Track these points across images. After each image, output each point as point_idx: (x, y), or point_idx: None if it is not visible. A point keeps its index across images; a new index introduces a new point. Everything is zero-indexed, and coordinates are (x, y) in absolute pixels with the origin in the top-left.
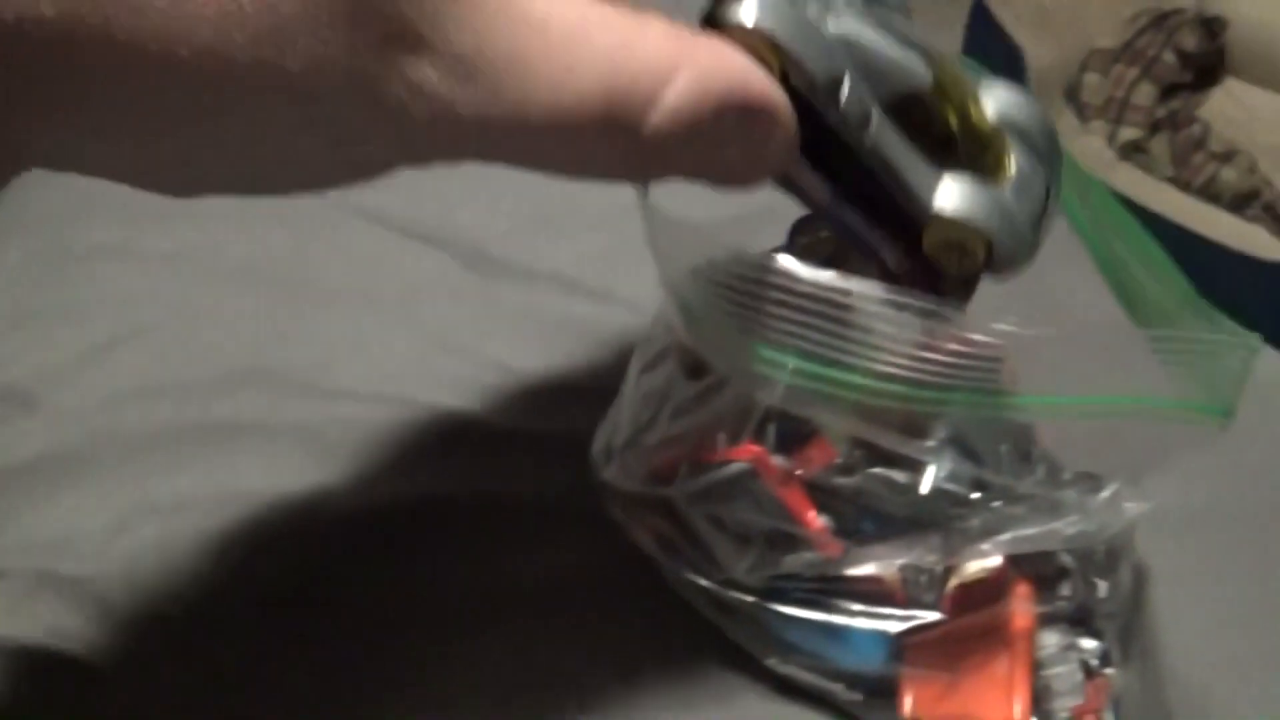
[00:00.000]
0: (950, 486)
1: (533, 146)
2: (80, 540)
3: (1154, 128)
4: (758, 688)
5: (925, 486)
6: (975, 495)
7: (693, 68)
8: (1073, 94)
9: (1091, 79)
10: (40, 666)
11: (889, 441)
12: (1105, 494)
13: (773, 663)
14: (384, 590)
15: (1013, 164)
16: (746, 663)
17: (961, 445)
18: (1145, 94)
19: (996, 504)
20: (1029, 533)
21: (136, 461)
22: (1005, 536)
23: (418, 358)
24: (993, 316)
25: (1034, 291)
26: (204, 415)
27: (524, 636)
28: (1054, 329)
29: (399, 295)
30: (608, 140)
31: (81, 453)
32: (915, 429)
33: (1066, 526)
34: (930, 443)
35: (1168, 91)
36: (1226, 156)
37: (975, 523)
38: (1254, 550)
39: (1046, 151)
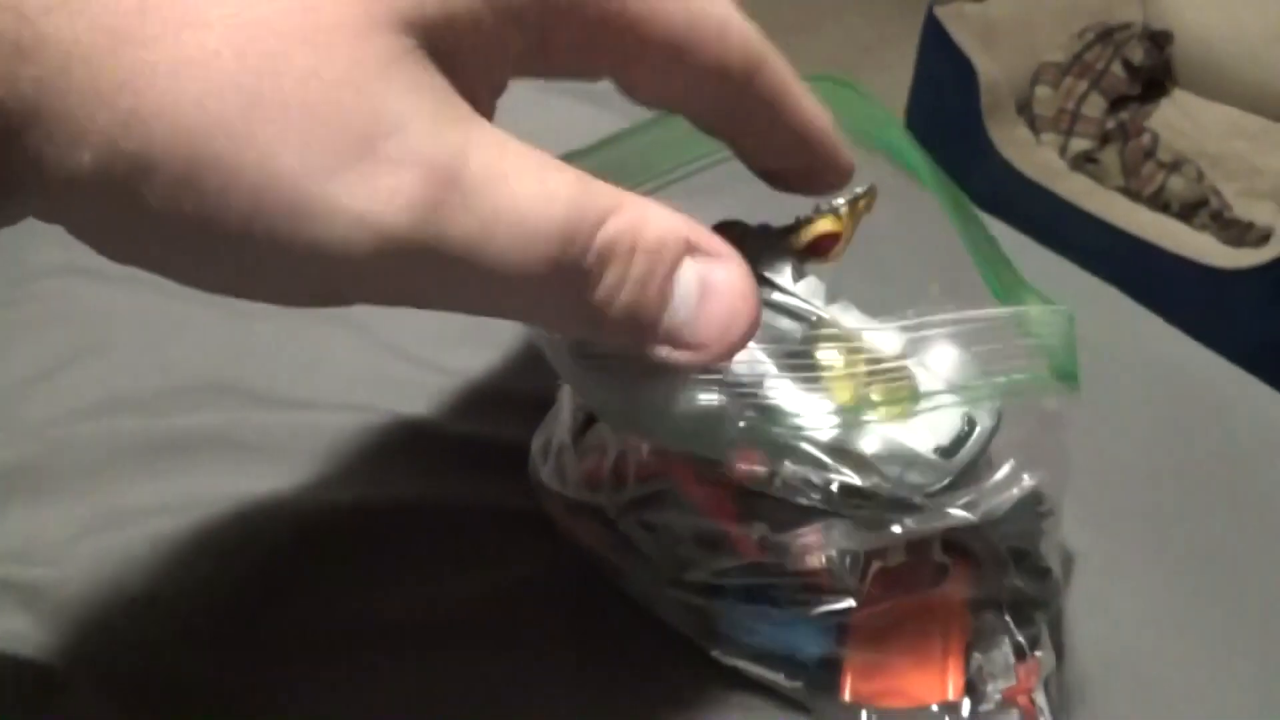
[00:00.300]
0: (857, 482)
1: (499, 266)
2: (40, 549)
3: (1104, 139)
4: (708, 683)
5: (835, 485)
6: (880, 486)
7: (637, 201)
8: (1025, 107)
9: (1043, 92)
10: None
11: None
12: (1003, 471)
13: (718, 655)
14: (344, 598)
15: (915, 403)
16: (694, 658)
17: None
18: (1095, 106)
19: (901, 493)
20: (936, 513)
21: (97, 473)
22: (911, 520)
23: (374, 367)
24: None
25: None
26: (164, 427)
27: (477, 645)
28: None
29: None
30: (559, 271)
31: (42, 465)
32: None
33: (969, 507)
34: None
35: (1117, 103)
36: (1175, 166)
37: (885, 511)
38: (1183, 539)
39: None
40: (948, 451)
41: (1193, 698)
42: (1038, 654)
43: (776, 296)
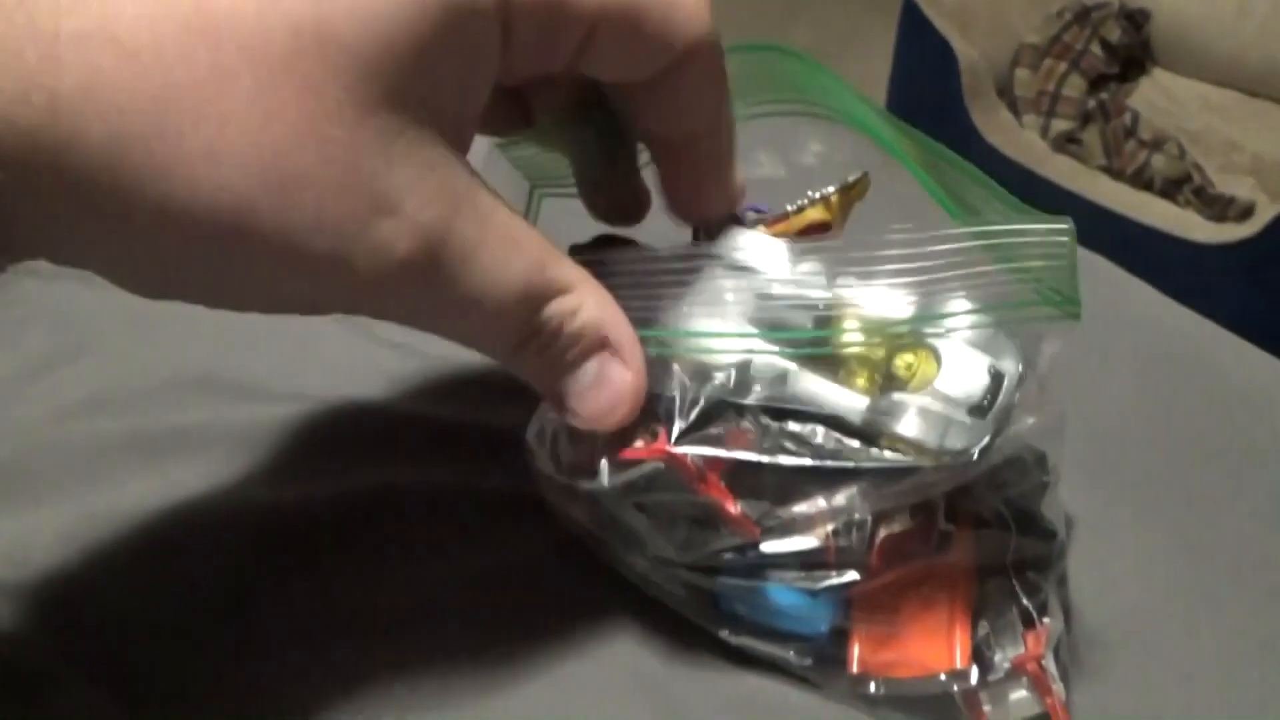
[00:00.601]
0: (839, 434)
1: (460, 316)
2: (28, 549)
3: (1085, 119)
4: (714, 661)
5: (819, 436)
6: (870, 440)
7: (586, 291)
8: (1005, 90)
9: (1022, 74)
10: None
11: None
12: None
13: (725, 634)
14: (335, 588)
15: (939, 366)
16: (699, 636)
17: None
18: (1075, 86)
19: (891, 450)
20: (935, 467)
21: (83, 472)
22: (910, 480)
23: (361, 356)
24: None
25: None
26: (149, 425)
27: (474, 629)
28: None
29: None
30: (502, 323)
31: (27, 466)
32: None
33: (961, 457)
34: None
35: (1096, 83)
36: (1156, 144)
37: (880, 467)
38: (1176, 498)
39: (985, 346)
40: (981, 409)
41: (1195, 653)
42: (1045, 620)
43: (777, 289)
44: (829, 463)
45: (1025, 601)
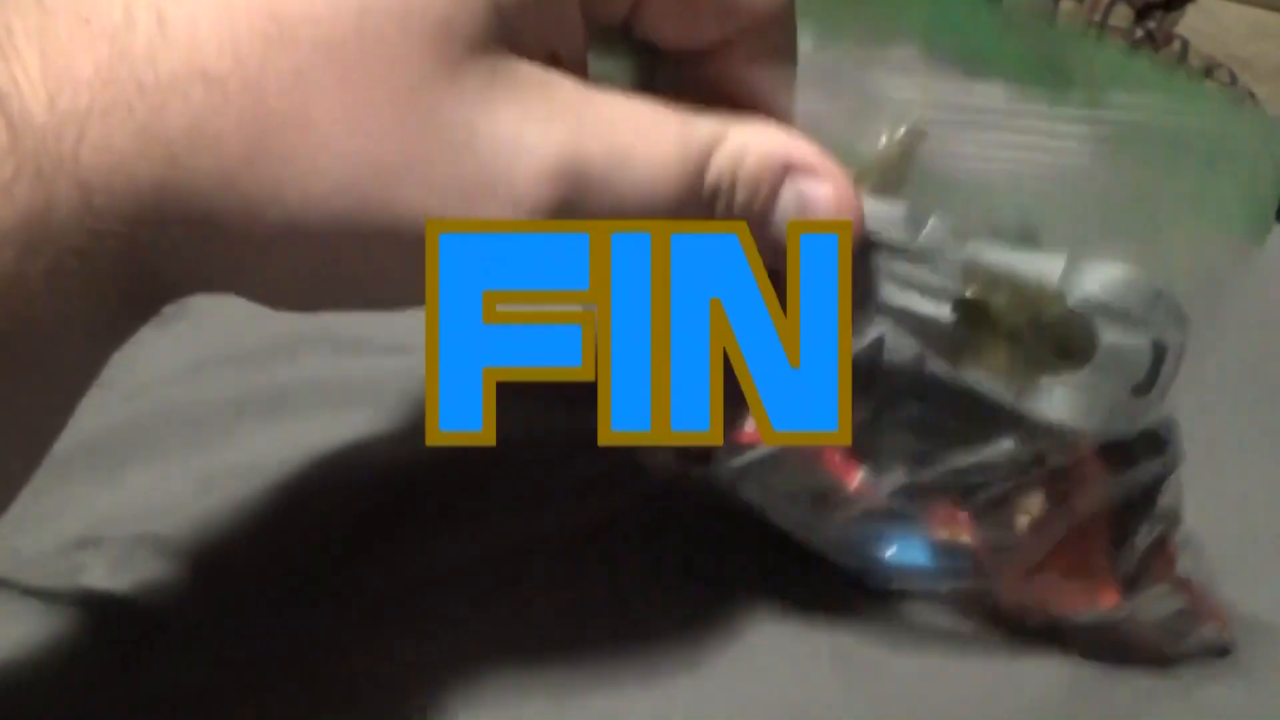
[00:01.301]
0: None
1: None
2: (168, 504)
3: (1134, 48)
4: (835, 590)
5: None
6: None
7: (737, 131)
8: (1051, 22)
9: (1068, 6)
10: (139, 621)
11: None
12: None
13: (873, 581)
14: (447, 542)
15: (1098, 342)
16: (821, 567)
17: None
18: (1122, 16)
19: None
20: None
21: (210, 427)
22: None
23: None
24: None
25: None
26: (268, 379)
27: (586, 583)
28: None
29: None
30: (681, 210)
31: (159, 423)
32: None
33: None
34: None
35: (1143, 12)
36: (1208, 71)
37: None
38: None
39: (1146, 316)
40: (1143, 387)
41: None
42: (1176, 532)
43: (899, 266)
44: (986, 390)
45: (1155, 514)
